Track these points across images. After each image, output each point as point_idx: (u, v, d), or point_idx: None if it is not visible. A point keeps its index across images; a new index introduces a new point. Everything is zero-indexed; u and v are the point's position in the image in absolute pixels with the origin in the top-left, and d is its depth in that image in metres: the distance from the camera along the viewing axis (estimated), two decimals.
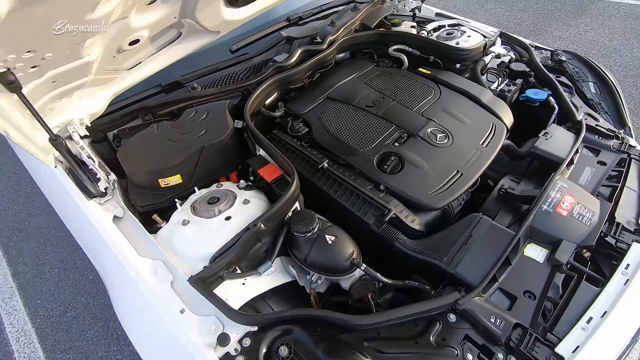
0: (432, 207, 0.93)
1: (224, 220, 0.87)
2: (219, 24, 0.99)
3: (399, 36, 1.44)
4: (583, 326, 0.71)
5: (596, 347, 0.68)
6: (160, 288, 0.78)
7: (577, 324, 0.71)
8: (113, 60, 0.84)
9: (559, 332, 0.71)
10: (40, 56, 0.64)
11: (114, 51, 0.81)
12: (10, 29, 0.52)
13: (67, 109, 0.89)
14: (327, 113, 1.16)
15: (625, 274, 0.77)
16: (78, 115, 0.93)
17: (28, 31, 0.54)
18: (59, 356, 1.56)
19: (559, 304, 0.75)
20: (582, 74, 1.33)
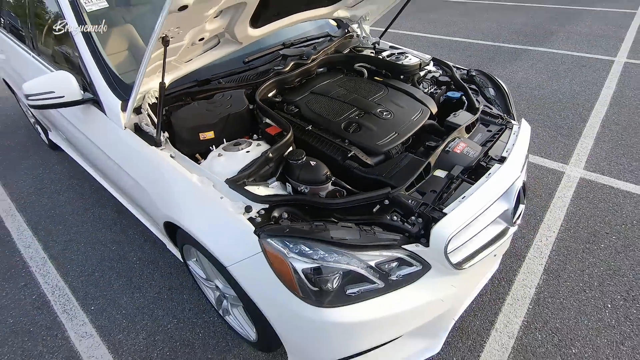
0: (378, 151, 1.44)
1: (245, 152, 1.35)
2: (244, 37, 1.53)
3: (362, 57, 2.05)
4: (460, 200, 1.21)
5: (464, 209, 1.18)
6: (207, 188, 1.24)
7: (457, 200, 1.21)
8: (185, 51, 1.36)
9: (447, 205, 1.21)
10: (177, 31, 1.14)
11: (190, 43, 1.33)
12: (190, 10, 1.03)
13: (153, 80, 1.39)
14: (311, 100, 1.69)
15: (487, 177, 1.29)
16: (153, 87, 1.43)
17: (184, 17, 1.05)
18: (90, 302, 1.90)
19: (450, 193, 1.26)
20: (485, 83, 1.95)
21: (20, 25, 2.39)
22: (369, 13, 2.26)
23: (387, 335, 1.17)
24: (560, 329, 1.61)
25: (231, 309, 1.54)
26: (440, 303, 1.23)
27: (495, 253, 1.40)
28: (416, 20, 6.28)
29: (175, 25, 1.06)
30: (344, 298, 1.11)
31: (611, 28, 5.19)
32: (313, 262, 1.08)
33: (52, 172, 2.97)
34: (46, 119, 2.58)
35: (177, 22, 1.06)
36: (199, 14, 1.12)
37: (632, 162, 2.56)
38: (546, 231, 2.08)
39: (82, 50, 1.65)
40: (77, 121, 1.79)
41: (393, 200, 1.22)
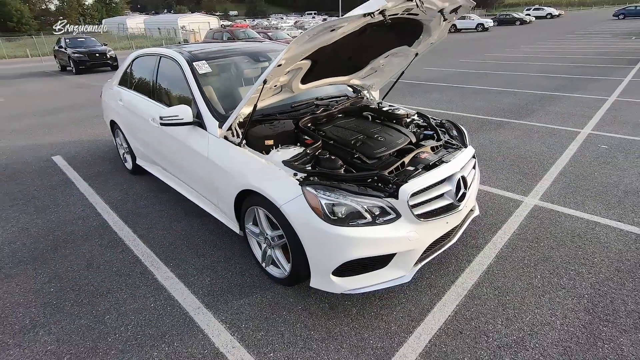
0: (373, 156, 2.31)
1: (292, 150, 2.27)
2: (296, 89, 2.56)
3: (368, 108, 3.06)
4: (418, 177, 2.04)
5: (420, 180, 2.01)
6: (271, 165, 2.13)
7: (416, 177, 2.05)
8: (265, 92, 2.36)
9: (411, 179, 2.04)
10: (271, 78, 2.16)
11: (269, 88, 2.33)
12: (281, 67, 2.08)
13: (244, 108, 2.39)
14: (333, 129, 2.64)
15: (435, 169, 2.14)
16: (243, 113, 2.42)
17: (278, 70, 2.06)
18: (169, 261, 2.69)
19: (414, 175, 2.10)
20: (451, 127, 2.88)
21: (145, 83, 3.59)
22: (374, 83, 3.34)
23: (373, 251, 1.93)
24: (500, 287, 2.27)
25: (274, 252, 2.31)
26: (407, 241, 2.00)
27: (447, 221, 2.19)
28: (421, 98, 7.59)
29: (272, 74, 2.08)
30: (347, 223, 1.91)
31: (584, 109, 6.24)
32: (331, 200, 1.91)
33: (133, 188, 3.95)
34: (145, 146, 3.64)
35: (274, 73, 2.08)
36: (282, 70, 2.14)
37: (577, 197, 3.32)
38: (502, 234, 2.81)
39: (195, 94, 2.72)
40: (185, 136, 2.78)
41: (379, 177, 2.07)
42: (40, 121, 7.19)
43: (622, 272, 2.36)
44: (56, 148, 5.45)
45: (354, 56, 2.71)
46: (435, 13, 2.30)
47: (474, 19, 31.16)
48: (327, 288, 2.03)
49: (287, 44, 1.98)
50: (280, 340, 1.97)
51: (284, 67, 2.11)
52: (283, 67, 2.11)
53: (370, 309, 2.14)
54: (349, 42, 2.24)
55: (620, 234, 2.76)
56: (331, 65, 2.64)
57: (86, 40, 16.79)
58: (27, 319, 2.19)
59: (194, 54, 3.08)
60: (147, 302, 2.28)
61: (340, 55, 2.46)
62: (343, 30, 1.93)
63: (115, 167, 4.55)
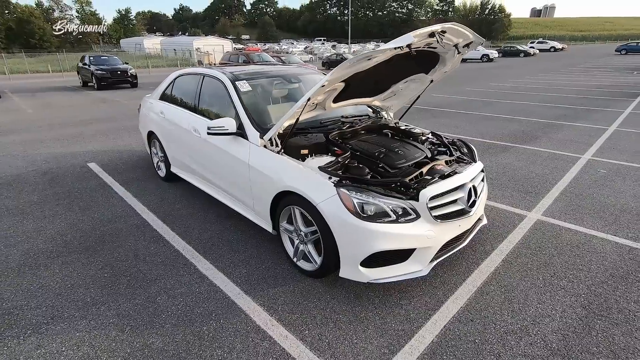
0: (395, 167, 2.66)
1: (326, 158, 2.62)
2: (328, 107, 2.95)
3: (387, 126, 3.44)
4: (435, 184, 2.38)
5: (437, 186, 2.35)
6: (308, 169, 2.48)
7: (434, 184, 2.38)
8: (305, 108, 2.75)
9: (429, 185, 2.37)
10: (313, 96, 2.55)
11: (310, 104, 2.71)
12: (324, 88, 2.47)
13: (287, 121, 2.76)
14: (359, 143, 3.01)
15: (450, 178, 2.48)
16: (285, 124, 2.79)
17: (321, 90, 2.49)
18: (208, 255, 3.00)
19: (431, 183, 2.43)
20: (462, 145, 3.24)
21: (188, 98, 4.01)
22: (392, 105, 3.74)
23: (396, 244, 2.24)
24: (506, 285, 2.56)
25: (306, 247, 2.62)
26: (425, 238, 2.31)
27: (460, 224, 2.50)
28: (431, 123, 8.01)
29: (315, 93, 2.47)
30: (375, 220, 2.23)
31: (585, 137, 6.61)
32: (362, 199, 2.25)
33: (167, 193, 4.31)
34: (182, 154, 4.02)
35: (317, 92, 2.47)
36: (323, 90, 2.53)
37: (577, 214, 3.62)
38: (507, 243, 3.10)
39: (239, 109, 3.12)
40: (227, 145, 3.15)
41: (401, 182, 2.41)
42: (69, 132, 7.66)
43: (615, 278, 2.64)
44: (89, 156, 5.87)
45: (379, 80, 3.11)
46: (451, 47, 2.71)
47: (480, 50, 32.26)
48: (355, 277, 2.33)
49: (306, 67, 2.38)
50: (313, 321, 2.25)
51: (326, 87, 2.50)
52: (325, 88, 2.50)
53: (391, 299, 2.43)
54: (378, 69, 2.64)
55: (615, 246, 3.04)
56: (360, 87, 3.04)
57: (109, 58, 17.70)
58: (89, 297, 2.50)
59: (236, 74, 3.50)
60: (192, 288, 2.58)
61: (369, 79, 2.85)
62: (377, 59, 2.33)
63: (147, 175, 4.93)
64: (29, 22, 54.71)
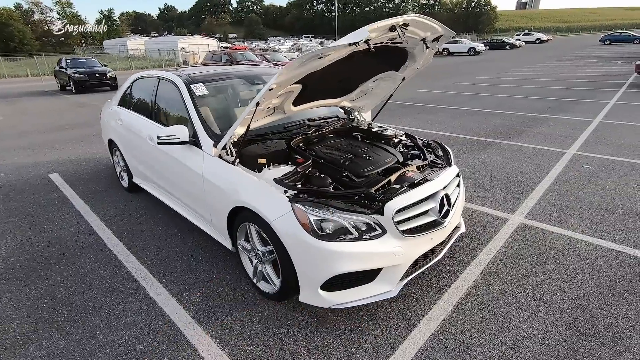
0: (361, 175, 2.42)
1: (284, 168, 2.37)
2: (288, 110, 2.69)
3: (357, 129, 3.20)
4: (402, 195, 2.14)
5: (404, 198, 2.11)
6: (262, 182, 2.22)
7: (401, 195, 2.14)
8: (258, 114, 2.48)
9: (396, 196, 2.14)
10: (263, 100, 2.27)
11: (262, 110, 2.45)
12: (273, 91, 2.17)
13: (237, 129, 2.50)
14: (323, 149, 2.76)
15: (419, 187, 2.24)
16: (237, 133, 2.52)
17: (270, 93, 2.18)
18: (162, 277, 2.73)
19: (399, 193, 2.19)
20: (437, 147, 3.01)
21: (144, 104, 3.71)
22: (364, 105, 3.49)
23: (360, 265, 2.00)
24: (485, 302, 2.34)
25: (264, 268, 2.37)
26: (393, 256, 2.07)
27: (432, 237, 2.27)
28: (416, 119, 7.80)
29: (264, 97, 2.21)
30: (335, 239, 1.99)
31: (570, 130, 6.45)
32: (319, 216, 2.00)
33: (129, 205, 4.01)
34: (142, 164, 3.73)
35: (266, 96, 2.21)
36: (274, 93, 2.27)
37: (561, 215, 3.42)
38: (487, 251, 2.89)
39: (192, 115, 2.84)
40: (181, 155, 2.88)
41: (365, 194, 2.17)
42: (39, 139, 7.28)
43: (602, 288, 2.43)
44: (54, 166, 5.52)
45: (343, 80, 2.86)
46: (417, 42, 2.47)
47: (466, 44, 32.19)
48: (315, 302, 2.08)
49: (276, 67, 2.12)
50: (269, 355, 2.00)
51: (276, 91, 2.24)
52: (275, 91, 2.24)
53: (358, 324, 2.19)
54: (338, 68, 2.39)
55: (601, 251, 2.85)
56: (321, 88, 2.78)
57: (87, 60, 17.16)
58: (19, 334, 2.21)
59: (192, 76, 3.22)
60: (138, 318, 2.31)
61: (329, 79, 2.60)
62: (330, 57, 2.07)
63: (111, 185, 4.62)
64: (8, 25, 53.10)
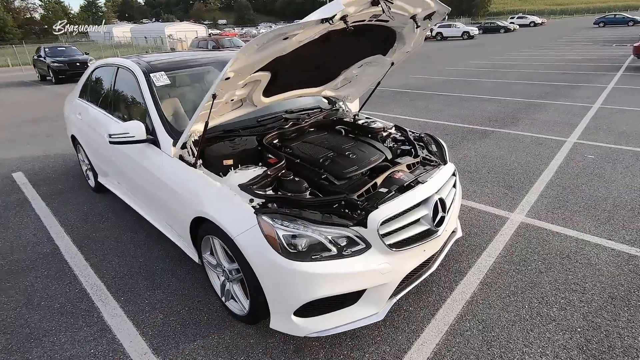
0: (343, 177, 2.09)
1: (252, 171, 2.03)
2: (258, 102, 2.33)
3: (341, 122, 2.85)
4: (389, 202, 1.82)
5: (391, 206, 1.79)
6: (225, 189, 1.89)
7: (388, 202, 1.83)
8: (221, 107, 2.12)
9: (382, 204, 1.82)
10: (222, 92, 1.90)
11: (224, 102, 2.09)
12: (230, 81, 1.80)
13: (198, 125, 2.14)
14: (301, 146, 2.42)
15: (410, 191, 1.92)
16: (196, 130, 2.17)
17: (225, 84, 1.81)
18: (120, 295, 2.41)
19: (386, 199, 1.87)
20: (430, 141, 2.68)
21: (103, 97, 3.32)
22: (350, 94, 3.14)
23: (339, 288, 1.69)
24: (485, 320, 2.05)
25: (232, 287, 2.06)
26: (379, 274, 1.76)
27: (424, 249, 1.96)
28: (408, 107, 7.44)
29: (222, 88, 1.84)
30: (309, 257, 1.67)
31: (569, 117, 6.15)
32: (290, 231, 1.67)
33: (95, 208, 3.65)
34: (104, 163, 3.36)
35: (223, 87, 1.85)
36: (234, 83, 1.90)
37: (565, 212, 3.14)
38: (486, 257, 2.60)
39: (150, 109, 2.47)
40: (139, 155, 2.52)
41: (347, 201, 1.84)
42: (8, 134, 6.82)
43: (616, 300, 2.16)
44: (19, 163, 5.11)
45: (322, 66, 2.49)
46: (407, 20, 2.11)
47: (460, 27, 31.51)
48: (288, 330, 1.78)
49: None
50: None
51: (235, 80, 1.88)
52: (234, 81, 1.87)
53: (340, 351, 1.90)
54: (313, 52, 2.03)
55: (611, 254, 2.57)
56: (296, 76, 2.42)
57: (67, 49, 16.38)
58: None
59: (153, 64, 2.83)
60: (87, 347, 2.00)
61: (305, 65, 2.25)
62: (299, 38, 1.71)
63: (79, 185, 4.25)
64: None
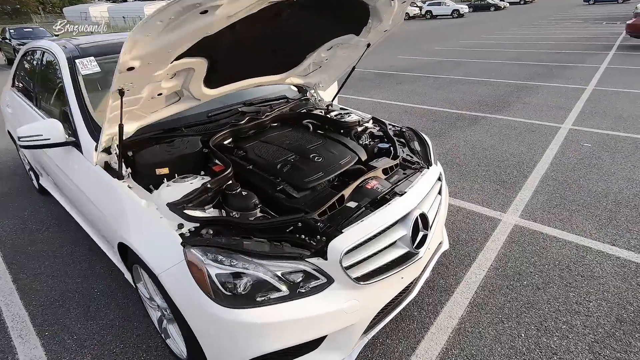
0: (304, 187, 1.71)
1: (189, 184, 1.62)
2: (201, 95, 1.89)
3: (309, 114, 2.44)
4: (357, 223, 1.45)
5: (359, 229, 1.42)
6: (150, 210, 1.48)
7: (355, 223, 1.45)
8: (147, 102, 1.69)
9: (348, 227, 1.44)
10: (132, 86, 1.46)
11: (149, 97, 1.66)
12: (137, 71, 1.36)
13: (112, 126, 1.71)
14: (257, 146, 2.01)
15: (385, 206, 1.55)
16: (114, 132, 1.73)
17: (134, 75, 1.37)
18: (45, 328, 2.02)
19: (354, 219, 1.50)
20: (412, 137, 2.29)
21: (31, 87, 2.83)
22: (321, 81, 2.71)
23: (294, 338, 1.33)
24: (474, 355, 1.73)
25: (168, 326, 1.69)
26: (343, 314, 1.40)
27: (402, 276, 1.60)
28: (393, 90, 7.00)
29: (129, 81, 1.41)
30: (253, 302, 1.30)
31: (562, 100, 5.81)
32: (226, 268, 1.29)
33: (37, 214, 3.21)
34: (39, 164, 2.90)
35: (131, 79, 1.41)
36: (147, 74, 1.46)
37: (563, 212, 2.82)
38: (476, 270, 2.27)
39: (71, 103, 2.02)
40: (61, 161, 2.09)
41: (304, 223, 1.46)
42: None
43: (625, 324, 1.86)
44: None
45: (282, 50, 2.05)
46: None
47: (450, 5, 30.67)
48: None
49: None
50: None
51: (148, 70, 1.43)
52: (147, 71, 1.43)
53: None
54: (264, 32, 1.61)
55: (616, 264, 2.26)
56: (248, 62, 1.98)
57: (34, 30, 15.35)
58: None
59: (83, 47, 2.34)
60: None
61: (255, 49, 1.82)
62: (225, 12, 1.27)
63: (24, 186, 3.76)
64: None
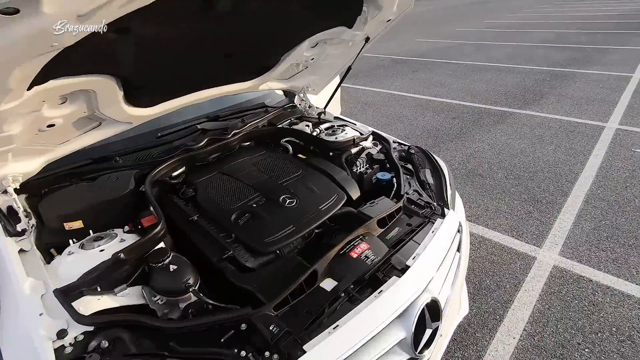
0: (265, 251, 1.22)
1: (99, 252, 1.15)
2: (127, 117, 1.41)
3: (290, 132, 1.91)
4: (329, 331, 0.95)
5: (332, 344, 0.92)
6: (30, 297, 1.02)
7: (328, 329, 0.95)
8: (38, 136, 1.23)
9: (316, 335, 0.95)
10: None
11: (35, 130, 1.19)
12: None
13: (8, 165, 1.25)
14: (213, 182, 1.52)
15: (376, 296, 1.04)
16: (11, 172, 1.28)
17: None
18: None
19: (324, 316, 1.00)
20: (422, 162, 1.74)
21: None
22: (310, 83, 2.16)
23: None
24: None
25: None
26: None
27: None
28: (407, 79, 6.32)
29: None
30: None
31: (605, 92, 5.04)
32: None
33: None
34: None
35: None
36: None
37: (616, 248, 2.23)
38: (505, 336, 1.74)
39: None
40: None
41: (250, 325, 0.97)
42: None
43: None
44: None
45: (238, 52, 1.50)
46: None
47: None
48: None
49: None
50: None
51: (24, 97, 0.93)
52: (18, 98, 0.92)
53: None
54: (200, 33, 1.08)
55: None
56: (191, 71, 1.45)
57: None
58: None
59: None
60: None
61: (193, 55, 1.29)
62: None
63: None
64: None
